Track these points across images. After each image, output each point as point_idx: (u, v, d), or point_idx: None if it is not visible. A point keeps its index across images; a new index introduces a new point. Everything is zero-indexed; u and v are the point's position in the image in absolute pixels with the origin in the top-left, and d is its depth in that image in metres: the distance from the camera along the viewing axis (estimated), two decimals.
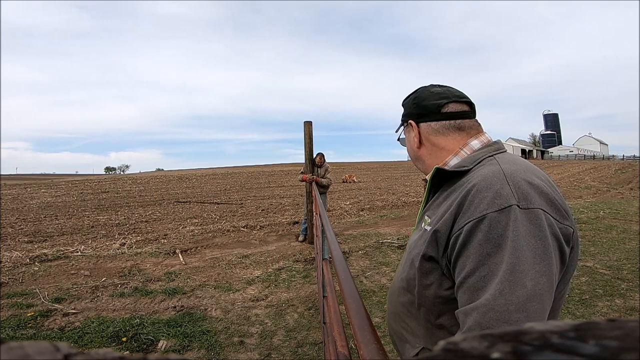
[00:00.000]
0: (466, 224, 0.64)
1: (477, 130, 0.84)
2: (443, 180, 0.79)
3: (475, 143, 0.80)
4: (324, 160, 5.85)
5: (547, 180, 0.70)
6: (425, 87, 0.90)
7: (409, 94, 0.92)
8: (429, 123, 0.85)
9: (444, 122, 0.83)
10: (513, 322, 0.57)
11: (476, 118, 0.86)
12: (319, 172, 5.76)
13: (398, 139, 1.00)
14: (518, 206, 0.62)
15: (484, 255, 0.61)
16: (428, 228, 0.74)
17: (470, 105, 0.85)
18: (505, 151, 0.79)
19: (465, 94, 0.86)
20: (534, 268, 0.59)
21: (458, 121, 0.83)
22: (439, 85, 0.88)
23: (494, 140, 0.83)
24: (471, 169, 0.74)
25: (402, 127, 0.95)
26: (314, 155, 5.76)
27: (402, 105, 0.94)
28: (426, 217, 0.78)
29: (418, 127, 0.87)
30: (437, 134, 0.84)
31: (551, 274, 0.60)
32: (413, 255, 0.76)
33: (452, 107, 0.83)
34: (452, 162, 0.81)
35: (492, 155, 0.75)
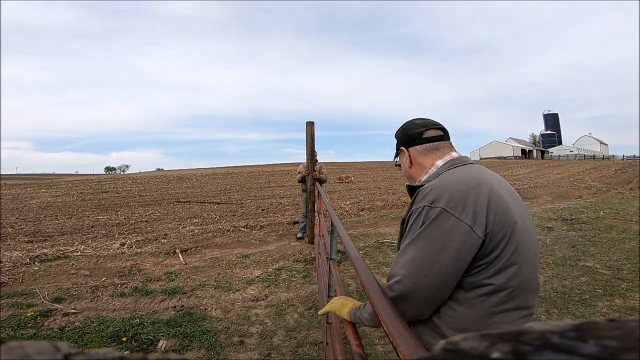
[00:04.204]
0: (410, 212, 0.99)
1: (449, 149, 1.10)
2: (414, 190, 1.07)
3: (439, 162, 1.07)
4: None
5: (474, 188, 0.91)
6: (410, 120, 1.18)
7: (398, 128, 1.20)
8: (415, 147, 1.12)
9: (425, 145, 1.10)
10: (394, 271, 0.91)
11: (449, 140, 1.13)
12: (315, 169, 5.83)
13: (396, 165, 1.26)
14: (429, 205, 0.91)
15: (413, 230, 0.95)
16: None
17: (444, 130, 1.13)
18: (461, 165, 1.02)
19: (439, 122, 1.14)
20: (417, 244, 0.89)
21: (435, 143, 1.10)
22: (419, 118, 1.17)
23: (462, 154, 1.09)
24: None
25: (397, 154, 1.22)
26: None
27: (395, 137, 1.21)
28: None
29: (408, 151, 1.14)
30: (421, 155, 1.11)
31: (430, 250, 0.86)
32: None
33: (430, 133, 1.11)
34: (423, 178, 1.09)
35: (446, 171, 1.01)
